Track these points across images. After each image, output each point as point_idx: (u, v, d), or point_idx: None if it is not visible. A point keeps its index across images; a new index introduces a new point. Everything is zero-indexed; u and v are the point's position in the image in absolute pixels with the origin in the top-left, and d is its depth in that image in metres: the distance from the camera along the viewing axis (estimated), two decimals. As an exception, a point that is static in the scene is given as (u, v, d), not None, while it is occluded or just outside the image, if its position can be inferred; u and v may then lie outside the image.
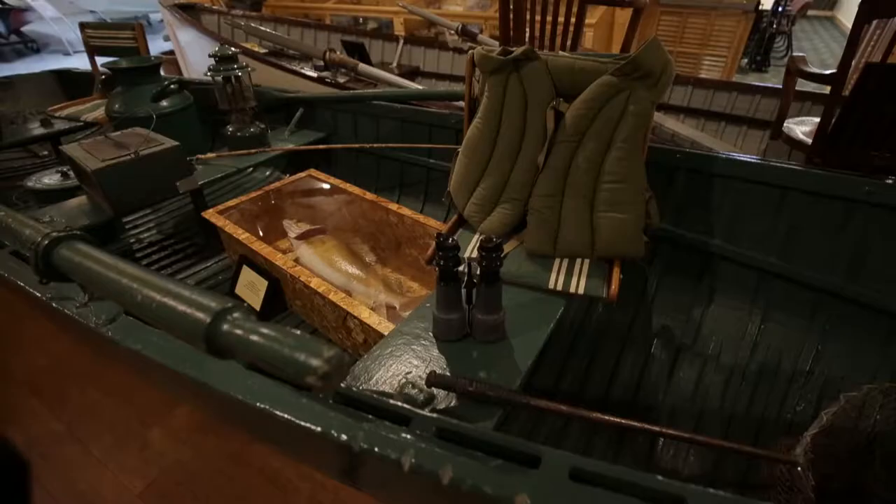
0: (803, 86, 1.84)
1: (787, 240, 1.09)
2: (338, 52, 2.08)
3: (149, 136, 1.35)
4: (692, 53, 4.59)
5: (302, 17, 4.02)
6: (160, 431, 1.36)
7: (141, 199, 1.35)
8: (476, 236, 1.10)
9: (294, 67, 2.21)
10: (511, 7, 1.95)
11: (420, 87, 2.03)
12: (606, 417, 0.74)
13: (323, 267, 1.44)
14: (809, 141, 1.66)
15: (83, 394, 1.50)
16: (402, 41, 2.97)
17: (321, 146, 1.63)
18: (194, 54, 3.07)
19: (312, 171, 1.73)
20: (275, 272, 1.35)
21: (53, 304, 0.78)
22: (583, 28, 1.85)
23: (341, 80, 2.08)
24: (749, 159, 1.10)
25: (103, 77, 1.81)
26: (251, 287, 1.40)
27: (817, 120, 1.96)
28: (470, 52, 1.14)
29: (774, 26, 5.80)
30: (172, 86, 1.69)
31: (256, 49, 2.98)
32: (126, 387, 1.51)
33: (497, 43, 3.01)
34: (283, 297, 1.39)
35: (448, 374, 0.76)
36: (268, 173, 2.13)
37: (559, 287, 0.94)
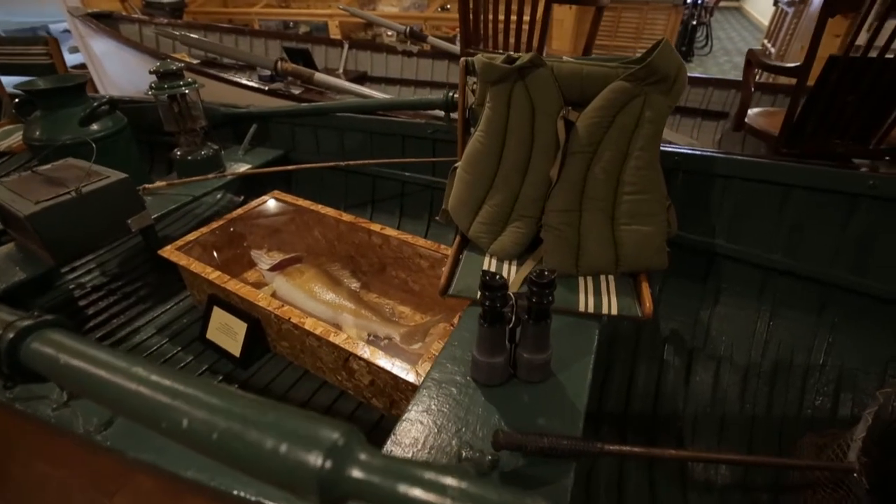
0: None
1: (791, 236, 1.10)
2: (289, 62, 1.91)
3: (90, 170, 1.15)
4: (628, 47, 4.78)
5: (226, 23, 3.74)
6: (125, 499, 1.17)
7: (86, 243, 1.15)
8: (487, 258, 1.02)
9: (237, 79, 2.01)
10: (471, 7, 1.89)
11: (378, 94, 1.91)
12: (674, 452, 0.69)
13: (305, 300, 1.30)
14: (770, 130, 1.73)
15: (27, 468, 1.26)
16: (346, 46, 2.82)
17: (292, 167, 1.47)
18: (114, 67, 2.74)
19: (277, 193, 1.57)
20: (254, 312, 1.19)
21: (17, 406, 0.60)
22: (549, 28, 1.82)
23: (296, 91, 1.91)
24: (749, 158, 1.10)
25: (16, 100, 1.54)
26: (226, 330, 1.23)
27: (771, 109, 2.07)
28: (463, 59, 1.05)
29: (696, 19, 6.17)
30: (103, 107, 1.46)
31: (187, 59, 2.71)
32: (78, 454, 1.29)
33: (449, 43, 2.93)
34: (265, 339, 1.24)
35: (502, 425, 0.67)
36: (220, 197, 1.92)
37: (591, 309, 0.88)
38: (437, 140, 1.53)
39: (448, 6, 4.27)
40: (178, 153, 1.52)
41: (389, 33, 4.27)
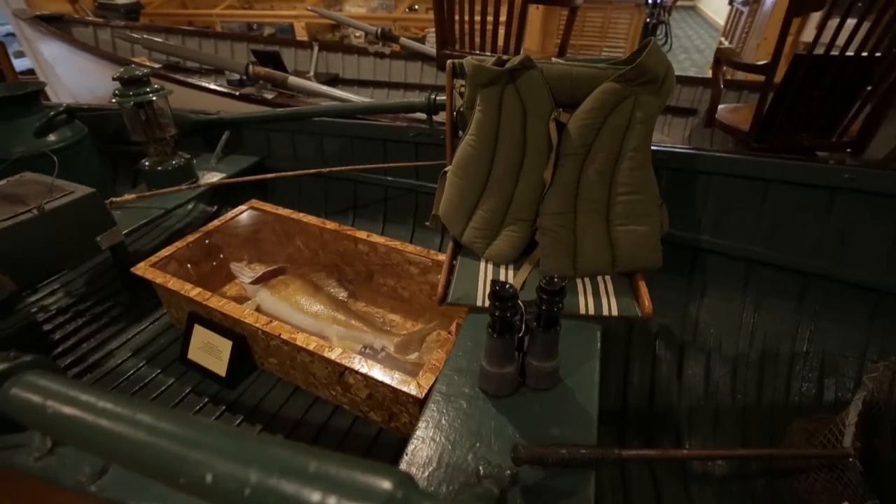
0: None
1: (773, 229, 1.14)
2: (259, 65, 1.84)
3: (53, 185, 1.06)
4: (594, 45, 4.87)
5: (186, 26, 3.59)
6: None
7: (51, 264, 1.06)
8: (482, 264, 1.00)
9: (205, 84, 1.93)
10: (445, 8, 1.87)
11: (356, 97, 1.87)
12: (687, 452, 0.70)
13: (292, 313, 1.26)
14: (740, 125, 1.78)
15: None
16: (316, 48, 2.75)
17: (272, 175, 1.41)
18: (67, 73, 2.59)
19: (255, 202, 1.51)
20: (239, 329, 1.14)
21: None
22: (525, 28, 1.82)
23: (268, 95, 1.84)
24: (731, 155, 1.13)
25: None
26: (210, 349, 1.17)
27: (738, 105, 2.14)
28: (450, 62, 1.04)
29: (655, 18, 6.35)
30: (61, 116, 1.37)
31: (147, 64, 2.58)
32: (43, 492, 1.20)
33: (422, 44, 2.91)
34: (252, 356, 1.19)
35: (517, 437, 0.66)
36: (193, 209, 1.84)
37: (591, 311, 0.87)
38: (419, 144, 1.50)
39: (416, 7, 4.24)
40: (147, 164, 1.44)
41: (357, 34, 4.20)
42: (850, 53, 1.45)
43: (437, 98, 1.40)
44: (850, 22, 1.45)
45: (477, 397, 0.72)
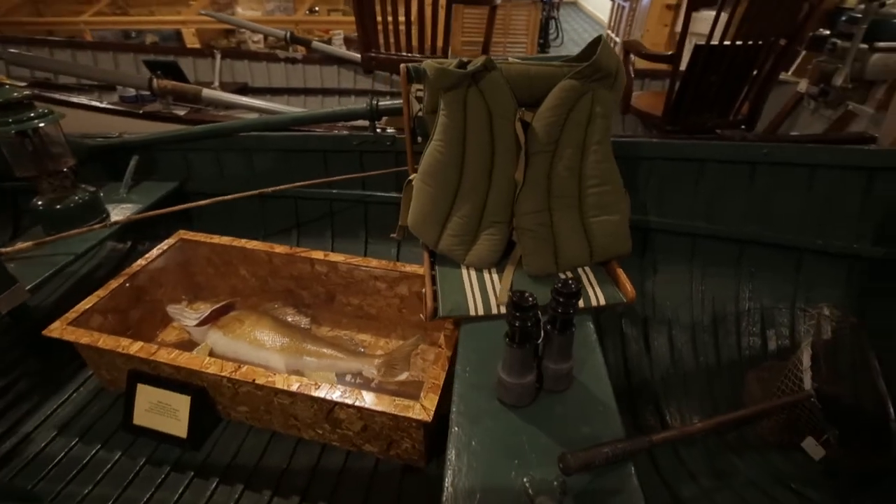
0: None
1: (709, 204, 1.25)
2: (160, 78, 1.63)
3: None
4: (497, 42, 5.02)
5: (46, 36, 3.09)
6: None
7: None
8: (464, 270, 0.98)
9: (97, 103, 1.68)
10: (365, 10, 1.81)
11: (288, 107, 1.74)
12: (700, 426, 0.74)
13: (253, 351, 1.14)
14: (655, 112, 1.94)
15: None
16: (219, 56, 2.52)
17: (207, 201, 1.25)
18: None
19: (184, 234, 1.35)
20: (197, 380, 1.00)
21: None
22: (451, 29, 1.82)
23: (180, 112, 1.64)
24: (669, 141, 1.22)
25: None
26: (162, 409, 1.02)
27: (646, 92, 2.33)
28: (405, 66, 1.00)
29: (547, 13, 6.73)
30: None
31: (8, 82, 2.18)
32: None
33: (336, 48, 2.79)
34: (215, 408, 1.05)
35: (553, 444, 0.64)
36: (102, 250, 1.59)
37: (581, 303, 0.89)
38: (364, 152, 1.44)
39: (316, 9, 4.06)
40: (42, 203, 1.21)
41: (256, 39, 3.93)
42: (738, 43, 1.64)
43: (380, 103, 1.34)
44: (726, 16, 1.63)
45: (499, 411, 0.70)
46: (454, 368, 0.91)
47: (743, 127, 1.91)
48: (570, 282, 0.64)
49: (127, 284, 1.19)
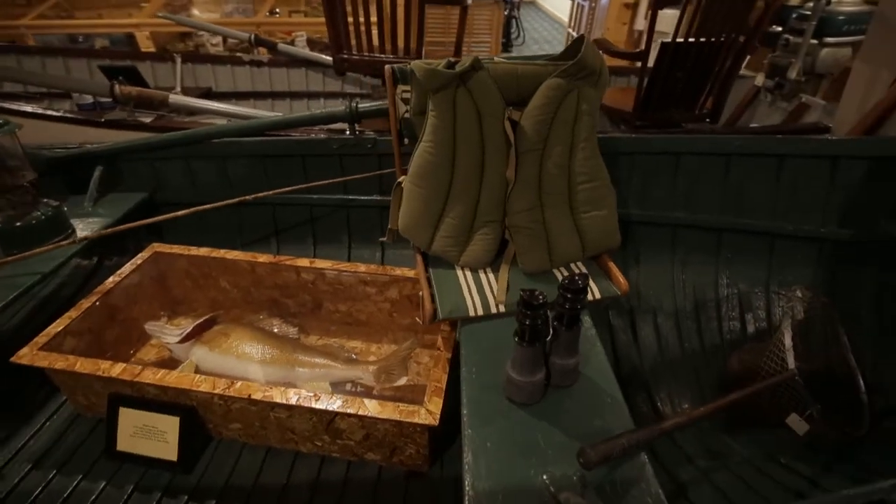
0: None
1: (687, 195, 1.29)
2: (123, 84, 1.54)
3: None
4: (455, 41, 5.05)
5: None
6: None
7: None
8: (459, 272, 0.98)
9: (52, 112, 1.58)
10: (336, 11, 1.78)
11: (257, 111, 1.69)
12: (703, 410, 0.76)
13: (242, 366, 1.10)
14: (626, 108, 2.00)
15: None
16: (179, 60, 2.42)
17: (183, 212, 1.18)
18: None
19: (158, 247, 1.29)
20: (185, 400, 0.96)
21: None
22: (424, 29, 1.81)
23: (146, 119, 1.56)
24: (648, 136, 1.25)
25: None
26: (148, 433, 0.97)
27: (615, 88, 2.38)
28: (389, 67, 0.98)
29: (508, 13, 6.81)
30: None
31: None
32: None
33: (302, 49, 2.72)
34: (206, 427, 1.01)
35: (567, 439, 0.65)
36: (69, 267, 1.49)
37: (578, 298, 0.90)
38: (344, 155, 1.41)
39: (277, 10, 3.96)
40: (0, 220, 1.12)
41: (214, 42, 3.80)
42: (702, 40, 1.71)
43: (360, 105, 1.32)
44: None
45: (510, 410, 0.70)
46: (454, 370, 0.91)
47: (708, 120, 1.99)
48: (577, 278, 0.65)
49: (100, 303, 1.12)
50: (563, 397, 0.72)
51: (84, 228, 1.27)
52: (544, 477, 0.60)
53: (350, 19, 1.75)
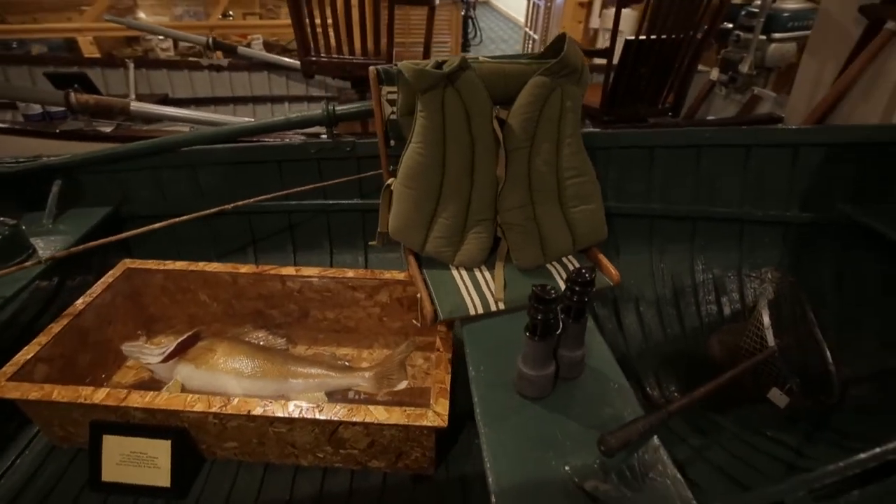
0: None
1: (663, 187, 1.34)
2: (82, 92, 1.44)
3: None
4: (421, 42, 5.05)
5: None
6: None
7: None
8: (455, 271, 0.98)
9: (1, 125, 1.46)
10: (302, 12, 1.74)
11: (228, 117, 1.62)
12: (704, 390, 0.79)
13: (232, 381, 1.06)
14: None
15: None
16: (132, 66, 2.29)
17: (159, 225, 1.12)
18: None
19: (130, 263, 1.22)
20: (175, 421, 0.91)
21: None
22: (393, 30, 1.80)
23: (106, 129, 1.47)
24: (623, 130, 1.30)
25: None
26: (136, 460, 0.91)
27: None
28: (373, 68, 0.97)
29: (465, 13, 6.86)
30: None
31: None
32: None
33: (265, 53, 2.64)
34: (198, 449, 0.97)
35: (582, 428, 0.66)
36: (28, 289, 1.38)
37: (574, 291, 0.92)
38: (322, 160, 1.38)
39: (230, 13, 3.82)
40: (-51, 244, 1.03)
41: (164, 47, 3.63)
42: (664, 37, 1.78)
43: (337, 108, 1.30)
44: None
45: (523, 405, 0.71)
46: (455, 370, 0.91)
47: (670, 114, 2.07)
48: (584, 270, 0.66)
49: (71, 326, 1.05)
50: (572, 389, 0.73)
51: (45, 248, 1.18)
52: (566, 468, 0.61)
53: (318, 21, 1.71)
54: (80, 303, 1.09)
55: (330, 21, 1.71)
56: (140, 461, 0.91)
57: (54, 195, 1.28)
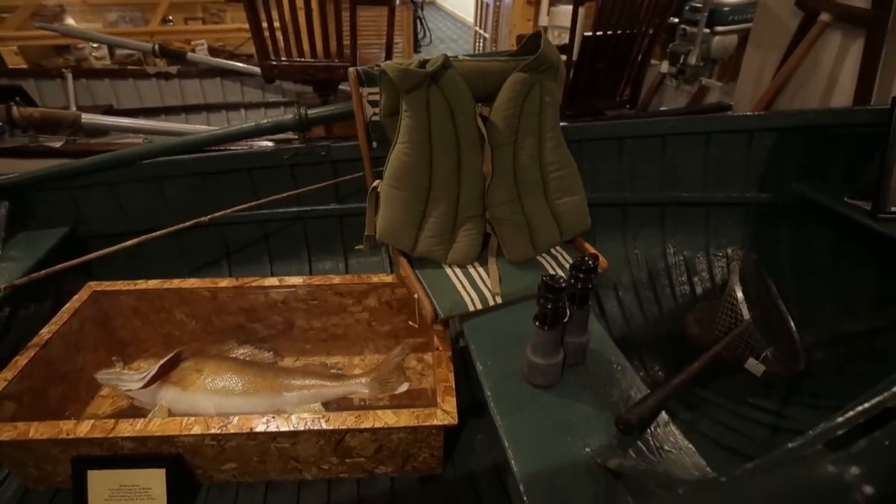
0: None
1: (632, 175, 1.40)
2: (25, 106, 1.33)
3: None
4: (373, 43, 5.00)
5: None
6: None
7: None
8: (448, 270, 0.98)
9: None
10: (259, 15, 1.68)
11: (188, 126, 1.55)
12: (697, 366, 0.84)
13: (224, 400, 1.02)
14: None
15: None
16: (70, 76, 2.14)
17: (131, 242, 1.05)
18: None
19: (96, 285, 1.15)
20: (169, 448, 0.87)
21: None
22: (356, 31, 1.77)
23: (55, 144, 1.36)
24: (592, 123, 1.34)
25: None
26: (130, 493, 0.86)
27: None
28: (352, 69, 0.96)
29: (414, 13, 6.86)
30: None
31: None
32: None
33: (221, 60, 2.53)
34: (193, 474, 0.92)
35: (595, 410, 0.69)
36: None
37: (566, 281, 0.95)
38: (295, 165, 1.34)
39: (170, 18, 3.64)
40: None
41: (98, 55, 3.41)
42: (619, 32, 1.85)
43: (309, 112, 1.27)
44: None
45: (533, 394, 0.72)
46: (455, 367, 0.92)
47: (628, 106, 2.16)
48: (587, 258, 0.68)
49: (37, 358, 0.97)
50: (579, 374, 0.75)
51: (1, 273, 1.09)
52: (587, 449, 0.63)
53: (277, 24, 1.67)
54: (45, 332, 1.01)
55: (290, 25, 1.67)
56: (132, 494, 0.86)
57: (2, 218, 1.18)
